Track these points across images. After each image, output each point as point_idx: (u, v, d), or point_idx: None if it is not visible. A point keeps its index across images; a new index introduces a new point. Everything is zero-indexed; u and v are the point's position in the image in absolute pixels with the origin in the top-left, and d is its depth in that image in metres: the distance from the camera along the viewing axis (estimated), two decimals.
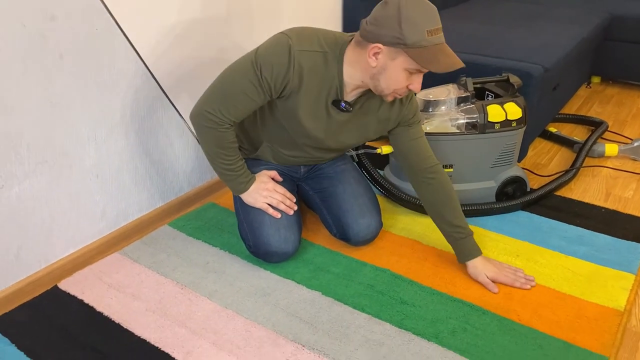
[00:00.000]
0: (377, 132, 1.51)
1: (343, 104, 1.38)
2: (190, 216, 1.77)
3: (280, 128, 1.47)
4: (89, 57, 1.41)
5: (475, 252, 1.48)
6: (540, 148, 2.29)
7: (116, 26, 1.45)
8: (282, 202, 1.51)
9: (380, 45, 1.24)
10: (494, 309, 1.37)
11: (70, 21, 1.34)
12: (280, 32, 1.33)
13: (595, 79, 3.12)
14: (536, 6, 2.96)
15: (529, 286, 1.44)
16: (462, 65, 1.27)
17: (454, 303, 1.39)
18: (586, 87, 3.05)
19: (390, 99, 1.36)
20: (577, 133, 2.44)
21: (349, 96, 1.39)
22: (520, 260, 1.55)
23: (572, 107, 2.73)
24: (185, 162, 1.80)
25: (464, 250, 1.49)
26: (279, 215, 1.49)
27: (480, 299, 1.40)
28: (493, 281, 1.44)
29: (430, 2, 1.25)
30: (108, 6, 1.41)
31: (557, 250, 1.59)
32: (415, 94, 1.75)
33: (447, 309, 1.36)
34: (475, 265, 1.47)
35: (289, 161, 1.60)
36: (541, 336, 1.28)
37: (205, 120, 1.37)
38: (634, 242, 1.62)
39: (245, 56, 1.34)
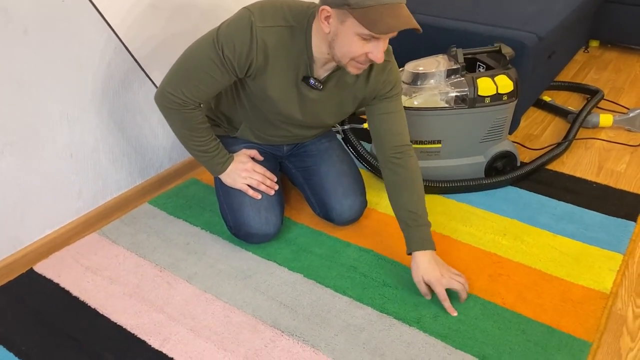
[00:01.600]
0: (354, 106, 1.43)
1: (312, 80, 1.29)
2: (172, 193, 1.72)
3: (256, 108, 1.41)
4: (56, 31, 1.33)
5: (426, 244, 1.31)
6: (533, 118, 2.23)
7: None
8: (262, 183, 1.46)
9: (327, 7, 1.14)
10: (478, 292, 1.34)
11: None
12: (244, 7, 1.24)
13: (594, 43, 3.02)
14: None
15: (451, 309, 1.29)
16: (413, 26, 1.13)
17: None
18: (584, 51, 2.96)
19: (353, 70, 1.22)
20: (572, 101, 2.37)
21: (321, 71, 1.31)
22: (507, 239, 1.52)
23: (568, 74, 2.65)
24: (165, 138, 1.74)
25: (413, 239, 1.32)
26: (259, 196, 1.45)
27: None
28: (429, 285, 1.29)
29: None
30: None
31: (545, 229, 1.56)
32: (404, 68, 1.69)
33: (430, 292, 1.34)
34: (418, 262, 1.30)
35: (270, 141, 1.54)
36: (525, 320, 1.26)
37: (169, 102, 1.31)
38: (624, 220, 1.59)
39: (207, 34, 1.26)
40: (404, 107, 1.62)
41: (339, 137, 1.74)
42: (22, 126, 1.34)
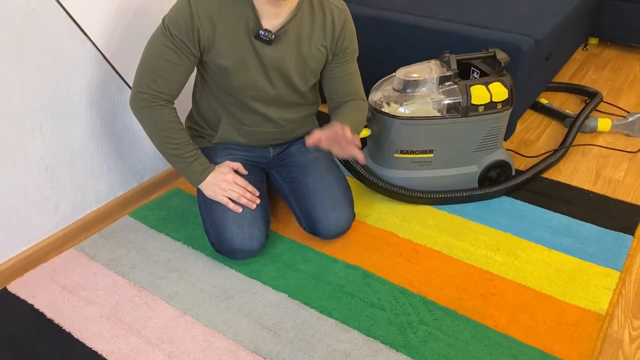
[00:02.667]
0: (317, 61, 1.41)
1: (261, 32, 1.29)
2: (154, 205, 1.66)
3: (224, 92, 1.41)
4: (27, 41, 1.26)
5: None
6: (530, 122, 2.17)
7: (56, 3, 1.30)
8: (243, 196, 1.40)
9: None
10: (470, 314, 1.29)
11: (1, 3, 1.18)
12: None
13: (593, 40, 2.96)
14: None
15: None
16: None
17: (426, 306, 1.31)
18: (582, 49, 2.89)
19: None
20: (570, 103, 2.31)
21: (272, 24, 1.31)
22: (501, 254, 1.47)
23: (566, 73, 2.59)
24: (147, 146, 1.67)
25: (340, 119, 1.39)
26: (240, 210, 1.39)
27: (456, 301, 1.32)
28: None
29: None
30: None
31: (540, 243, 1.51)
32: (395, 74, 1.62)
33: (418, 313, 1.29)
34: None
35: (253, 135, 1.49)
36: (517, 345, 1.21)
37: (140, 101, 1.34)
38: (621, 233, 1.54)
39: (157, 27, 1.32)
40: (394, 115, 1.58)
41: None
42: None
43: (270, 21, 1.31)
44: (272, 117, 1.46)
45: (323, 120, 1.53)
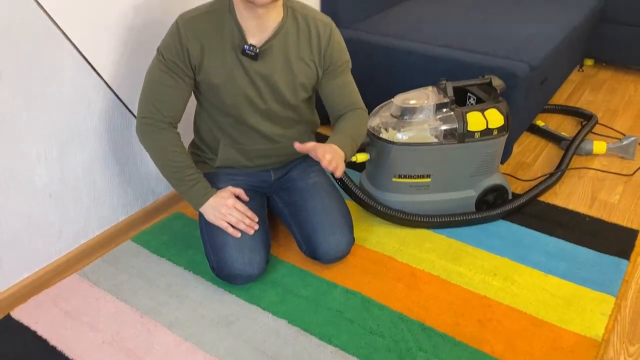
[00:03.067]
0: (306, 75, 1.44)
1: (246, 46, 1.34)
2: (155, 229, 1.68)
3: (220, 112, 1.46)
4: (32, 71, 1.29)
5: (345, 149, 1.43)
6: (526, 144, 2.20)
7: (62, 35, 1.33)
8: (242, 221, 1.43)
9: None
10: (468, 340, 1.31)
11: (9, 33, 1.22)
12: None
13: (589, 62, 3.00)
14: None
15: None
16: None
17: (425, 332, 1.32)
18: (578, 70, 2.93)
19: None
20: (567, 125, 2.34)
21: (257, 40, 1.36)
22: (498, 279, 1.49)
23: (562, 95, 2.62)
24: (149, 171, 1.70)
25: (336, 141, 1.43)
26: (238, 235, 1.42)
27: (454, 327, 1.34)
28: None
29: None
30: (50, 13, 1.29)
31: (537, 268, 1.53)
32: (392, 101, 1.65)
33: (417, 340, 1.30)
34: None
35: (254, 154, 1.53)
36: None
37: (143, 127, 1.41)
38: (616, 258, 1.56)
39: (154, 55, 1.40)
40: (392, 141, 1.61)
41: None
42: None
43: (255, 37, 1.36)
44: (267, 134, 1.49)
45: (321, 140, 1.55)
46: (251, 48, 1.35)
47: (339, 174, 1.36)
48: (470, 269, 1.52)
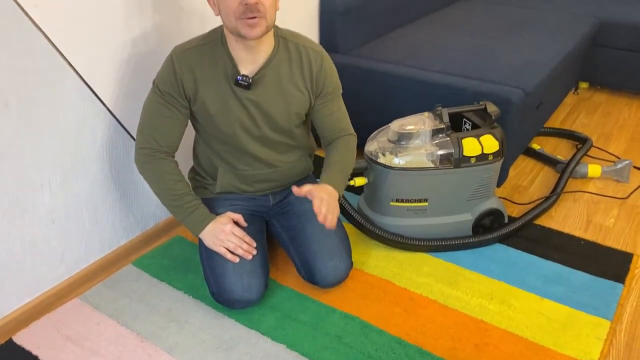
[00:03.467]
0: (300, 102, 1.48)
1: (239, 77, 1.38)
2: (156, 253, 1.71)
3: (217, 140, 1.49)
4: (38, 101, 1.33)
5: (337, 187, 1.49)
6: (522, 167, 2.23)
7: (67, 65, 1.37)
8: (239, 247, 1.45)
9: None
10: None
11: (15, 66, 1.26)
12: None
13: (583, 85, 3.05)
14: (522, 11, 2.87)
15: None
16: None
17: (422, 357, 1.34)
18: (573, 93, 2.98)
19: (247, 30, 1.29)
20: (562, 148, 2.38)
21: (249, 70, 1.41)
22: (494, 303, 1.50)
23: (558, 118, 2.66)
24: (150, 195, 1.72)
25: (329, 179, 1.49)
26: (237, 260, 1.44)
27: (451, 352, 1.35)
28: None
29: None
30: (56, 44, 1.33)
31: (533, 292, 1.54)
32: (389, 126, 1.69)
33: None
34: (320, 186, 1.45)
35: (252, 179, 1.56)
36: None
37: (141, 157, 1.45)
38: (611, 281, 1.58)
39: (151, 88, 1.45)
40: (390, 166, 1.64)
41: None
42: (2, 196, 1.33)
43: (247, 67, 1.40)
44: (264, 159, 1.53)
45: (320, 164, 1.59)
46: (244, 78, 1.39)
47: (329, 224, 1.39)
48: (467, 293, 1.54)
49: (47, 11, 1.28)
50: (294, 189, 1.39)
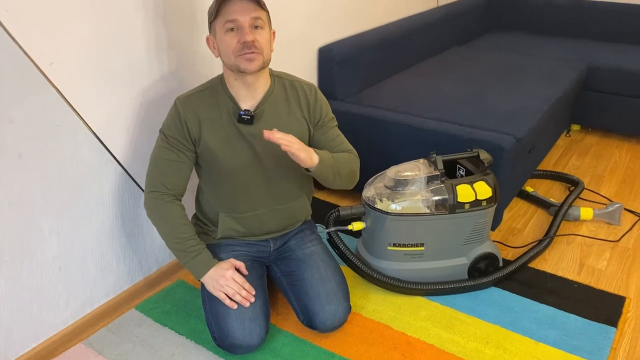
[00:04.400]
0: (299, 132, 1.55)
1: (242, 112, 1.47)
2: (159, 297, 1.74)
3: (220, 183, 1.56)
4: (50, 153, 1.39)
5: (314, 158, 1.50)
6: (516, 209, 2.28)
7: (79, 119, 1.44)
8: (238, 293, 1.48)
9: (208, 36, 1.47)
10: None
11: (30, 120, 1.32)
12: None
13: (575, 127, 3.13)
14: (513, 56, 2.97)
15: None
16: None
17: None
18: (566, 135, 3.06)
19: (245, 64, 1.41)
20: (555, 190, 2.44)
21: (249, 105, 1.50)
22: (490, 347, 1.53)
23: (551, 160, 2.73)
24: (154, 241, 1.77)
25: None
26: (235, 306, 1.47)
27: None
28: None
29: None
30: (69, 100, 1.40)
31: (528, 335, 1.58)
32: (385, 172, 1.75)
33: None
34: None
35: (252, 221, 1.61)
36: None
37: (149, 200, 1.52)
38: (604, 325, 1.61)
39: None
40: (387, 211, 1.69)
41: (325, 237, 1.78)
42: (12, 244, 1.37)
43: (247, 103, 1.50)
44: (265, 198, 1.59)
45: (319, 208, 1.64)
46: (247, 112, 1.48)
47: (285, 147, 1.40)
48: (464, 337, 1.57)
49: (61, 69, 1.36)
50: (265, 132, 1.40)
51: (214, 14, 1.39)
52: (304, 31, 2.17)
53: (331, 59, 2.23)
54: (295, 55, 2.15)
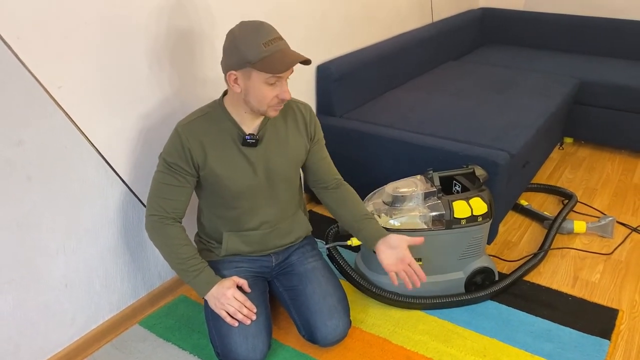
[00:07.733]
0: (300, 148, 1.62)
1: (247, 136, 1.50)
2: (162, 313, 1.77)
3: (223, 206, 1.58)
4: (58, 175, 1.43)
5: (382, 232, 1.62)
6: (511, 223, 2.33)
7: (86, 141, 1.48)
8: (239, 311, 1.52)
9: (233, 71, 1.40)
10: None
11: (38, 143, 1.36)
12: None
13: (568, 140, 3.19)
14: (506, 71, 3.03)
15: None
16: (303, 58, 1.39)
17: None
18: (559, 148, 3.12)
19: (272, 113, 1.46)
20: (549, 203, 2.48)
21: (252, 127, 1.54)
22: None
23: (544, 173, 2.78)
24: (157, 257, 1.81)
25: (372, 232, 1.63)
26: (236, 324, 1.50)
27: None
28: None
29: (260, 20, 1.40)
30: (77, 122, 1.44)
31: (523, 349, 1.61)
32: (383, 188, 1.79)
33: None
34: (381, 255, 1.59)
35: (256, 238, 1.64)
36: None
37: (150, 223, 1.54)
38: (598, 338, 1.65)
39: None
40: (385, 227, 1.73)
41: (324, 253, 1.82)
42: (20, 263, 1.41)
43: (250, 127, 1.54)
44: (268, 216, 1.63)
45: (319, 223, 1.67)
46: (252, 136, 1.51)
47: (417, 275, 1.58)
48: (461, 351, 1.61)
49: (69, 93, 1.40)
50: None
51: (258, 61, 1.35)
52: (302, 49, 2.22)
53: (329, 76, 2.28)
54: (294, 73, 2.19)
